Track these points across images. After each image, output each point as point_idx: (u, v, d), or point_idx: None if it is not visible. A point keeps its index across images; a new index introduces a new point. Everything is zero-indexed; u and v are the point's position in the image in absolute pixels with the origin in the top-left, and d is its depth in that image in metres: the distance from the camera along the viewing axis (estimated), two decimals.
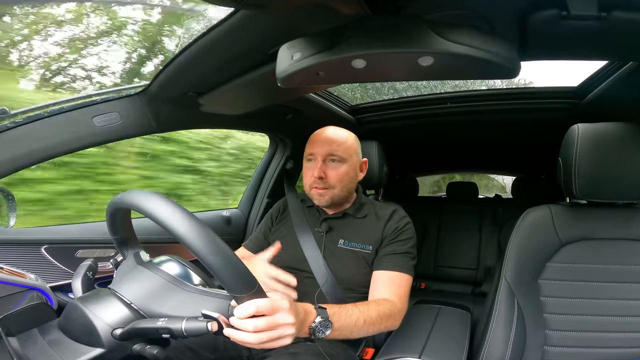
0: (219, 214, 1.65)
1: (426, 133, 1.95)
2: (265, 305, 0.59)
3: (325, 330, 0.72)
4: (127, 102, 1.06)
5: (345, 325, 0.79)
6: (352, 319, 0.81)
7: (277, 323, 0.61)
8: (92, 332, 0.58)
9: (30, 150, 0.94)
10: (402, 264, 1.03)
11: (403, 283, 1.01)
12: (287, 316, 0.62)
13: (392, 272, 1.01)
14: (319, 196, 1.07)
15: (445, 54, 0.56)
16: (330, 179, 1.05)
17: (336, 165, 1.06)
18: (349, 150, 1.08)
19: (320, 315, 0.72)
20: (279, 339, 0.62)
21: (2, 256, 0.97)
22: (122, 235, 0.78)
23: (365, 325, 0.84)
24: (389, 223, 1.08)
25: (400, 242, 1.06)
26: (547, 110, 1.47)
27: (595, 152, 0.86)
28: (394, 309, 0.93)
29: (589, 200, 0.92)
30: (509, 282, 0.93)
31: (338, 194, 1.07)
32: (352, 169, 1.09)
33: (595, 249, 0.91)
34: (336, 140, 1.07)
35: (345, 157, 1.07)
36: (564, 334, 0.90)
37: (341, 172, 1.06)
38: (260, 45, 0.80)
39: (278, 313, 0.61)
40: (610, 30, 0.63)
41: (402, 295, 0.99)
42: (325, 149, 1.06)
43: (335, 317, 0.76)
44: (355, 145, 1.12)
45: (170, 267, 0.69)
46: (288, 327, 0.62)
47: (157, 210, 0.57)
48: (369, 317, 0.85)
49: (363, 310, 0.85)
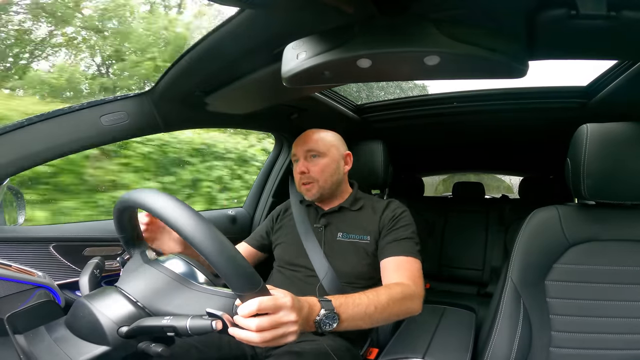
0: (224, 212, 1.66)
1: (432, 133, 1.94)
2: (267, 304, 0.59)
3: (332, 323, 0.71)
4: (134, 102, 1.06)
5: (355, 315, 0.77)
6: (361, 307, 0.78)
7: (280, 321, 0.61)
8: (98, 330, 0.58)
9: (39, 149, 0.95)
10: (407, 248, 1.03)
11: (413, 266, 1.00)
12: (290, 314, 0.62)
13: (399, 257, 1.01)
14: (307, 191, 1.13)
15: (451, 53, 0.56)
16: (312, 173, 1.12)
17: (316, 160, 1.13)
18: (327, 145, 1.15)
19: (325, 307, 0.71)
20: (283, 337, 0.62)
21: (11, 254, 0.98)
22: (129, 233, 0.78)
23: (377, 312, 0.80)
24: (385, 212, 1.11)
25: (400, 229, 1.07)
26: (555, 109, 1.45)
27: (604, 153, 0.85)
28: (408, 290, 0.91)
29: (597, 201, 0.91)
30: (515, 283, 0.92)
31: (323, 185, 1.13)
32: (333, 161, 1.15)
33: (603, 250, 0.90)
34: (313, 137, 1.15)
35: (323, 151, 1.13)
36: (570, 335, 0.89)
37: (322, 164, 1.13)
38: (265, 45, 0.80)
39: (281, 311, 0.61)
40: (619, 29, 0.62)
41: (415, 278, 0.97)
42: (304, 147, 1.15)
43: (342, 308, 0.75)
44: (334, 140, 1.18)
45: (176, 265, 0.70)
46: (291, 325, 0.62)
47: (163, 208, 0.58)
48: (380, 303, 0.82)
49: (372, 297, 0.82)
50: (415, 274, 0.99)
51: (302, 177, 1.13)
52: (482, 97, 1.56)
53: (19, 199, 1.09)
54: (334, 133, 1.21)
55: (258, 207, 1.77)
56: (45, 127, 0.95)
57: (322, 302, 0.72)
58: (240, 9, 0.69)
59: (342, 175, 1.18)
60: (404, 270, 0.98)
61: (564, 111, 1.43)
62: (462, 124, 1.75)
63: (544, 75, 1.49)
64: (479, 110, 1.58)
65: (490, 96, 1.55)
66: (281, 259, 1.16)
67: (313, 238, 1.11)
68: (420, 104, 1.65)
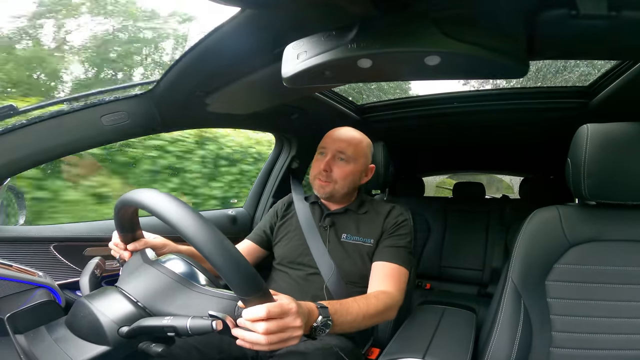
0: (224, 212, 1.65)
1: (433, 133, 1.94)
2: (275, 310, 0.60)
3: (325, 329, 0.74)
4: (134, 102, 1.06)
5: (344, 322, 0.80)
6: (351, 316, 0.82)
7: (287, 326, 0.62)
8: (99, 330, 0.58)
9: (40, 149, 0.95)
10: (401, 257, 1.05)
11: (401, 276, 1.03)
12: (296, 319, 0.64)
13: (392, 265, 1.04)
14: (320, 187, 1.12)
15: (452, 53, 0.56)
16: (334, 174, 1.10)
17: (343, 163, 1.11)
18: (359, 152, 1.12)
19: (322, 314, 0.73)
20: (287, 340, 0.63)
21: (12, 253, 0.99)
22: (129, 233, 0.78)
23: (364, 321, 0.85)
24: (388, 218, 1.13)
25: (399, 237, 1.09)
26: (556, 110, 1.45)
27: (605, 153, 0.85)
28: (393, 301, 0.96)
29: (598, 201, 0.91)
30: (516, 283, 0.92)
31: (339, 189, 1.11)
32: (358, 170, 1.13)
33: (604, 250, 0.90)
34: (348, 139, 1.12)
35: (353, 157, 1.11)
36: (571, 336, 0.89)
37: (346, 170, 1.11)
38: (265, 45, 0.80)
39: (287, 317, 0.62)
40: (620, 29, 0.62)
41: (401, 288, 1.02)
42: (336, 145, 1.11)
43: (336, 315, 0.78)
44: (367, 150, 1.16)
45: (177, 265, 0.70)
46: (296, 329, 0.64)
47: (165, 209, 0.58)
48: (368, 313, 0.86)
49: (362, 306, 0.86)
50: (402, 284, 1.03)
51: (322, 174, 1.11)
52: (482, 97, 1.56)
53: (19, 199, 1.09)
54: (369, 141, 1.18)
55: (258, 207, 1.77)
56: (46, 127, 0.95)
57: (320, 309, 0.74)
58: (241, 8, 0.69)
59: (358, 184, 1.17)
60: (393, 279, 1.02)
61: (565, 111, 1.43)
62: (463, 124, 1.75)
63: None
64: (480, 111, 1.58)
65: (490, 96, 1.55)
66: (283, 257, 1.16)
67: (318, 237, 1.12)
68: (421, 104, 1.65)
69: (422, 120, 1.69)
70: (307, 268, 1.10)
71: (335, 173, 1.10)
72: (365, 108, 1.73)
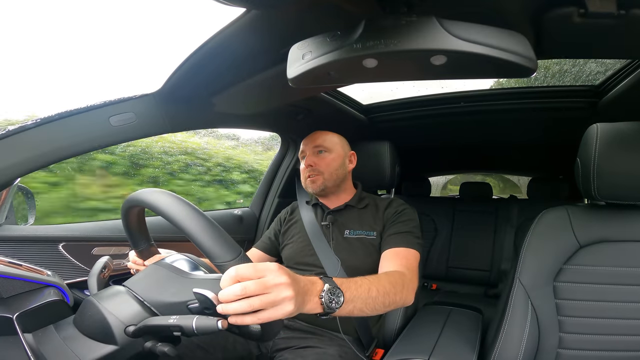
0: (230, 212, 1.66)
1: (439, 133, 1.93)
2: (247, 269, 0.54)
3: (338, 299, 0.66)
4: (142, 102, 1.07)
5: (358, 295, 0.72)
6: (363, 288, 0.74)
7: (268, 284, 0.54)
8: (106, 329, 0.59)
9: (49, 150, 0.96)
10: (407, 240, 1.05)
11: (410, 256, 1.01)
12: (278, 276, 0.55)
13: (398, 248, 1.03)
14: (312, 183, 1.18)
15: (458, 52, 0.55)
16: (318, 166, 1.18)
17: (323, 155, 1.20)
18: (333, 143, 1.22)
19: (327, 282, 0.66)
20: (276, 304, 0.55)
21: (21, 253, 1.00)
22: (136, 233, 0.79)
23: (380, 296, 0.76)
24: (388, 209, 1.15)
25: (402, 223, 1.10)
26: (565, 109, 1.44)
27: (615, 152, 0.83)
28: (405, 278, 0.89)
29: (608, 201, 0.89)
30: (524, 284, 0.91)
31: (327, 178, 1.18)
32: (339, 156, 1.21)
33: (614, 251, 0.89)
34: (319, 135, 1.23)
35: (330, 147, 1.20)
36: (579, 337, 0.88)
37: (328, 159, 1.19)
38: (271, 45, 0.81)
39: (266, 275, 0.55)
40: (629, 28, 0.61)
41: (411, 267, 0.96)
42: (311, 144, 1.22)
43: (344, 286, 0.69)
44: (339, 140, 1.25)
45: (183, 264, 0.70)
46: (282, 287, 0.55)
47: (156, 200, 0.62)
48: (382, 286, 0.78)
49: (373, 280, 0.78)
50: (412, 263, 0.99)
51: (309, 170, 1.18)
52: (489, 96, 1.55)
53: (28, 199, 1.10)
54: (339, 135, 1.27)
55: (264, 207, 1.78)
56: (54, 128, 0.96)
57: (324, 278, 0.68)
58: (247, 9, 0.69)
59: (346, 173, 1.22)
60: (401, 259, 0.99)
61: (574, 110, 1.41)
62: (470, 123, 1.73)
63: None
64: (487, 110, 1.57)
65: (498, 95, 1.54)
66: (290, 259, 1.18)
67: (321, 236, 1.14)
68: (427, 103, 1.64)
69: (429, 120, 1.68)
70: (312, 268, 1.10)
71: (319, 164, 1.18)
72: (371, 108, 1.73)
